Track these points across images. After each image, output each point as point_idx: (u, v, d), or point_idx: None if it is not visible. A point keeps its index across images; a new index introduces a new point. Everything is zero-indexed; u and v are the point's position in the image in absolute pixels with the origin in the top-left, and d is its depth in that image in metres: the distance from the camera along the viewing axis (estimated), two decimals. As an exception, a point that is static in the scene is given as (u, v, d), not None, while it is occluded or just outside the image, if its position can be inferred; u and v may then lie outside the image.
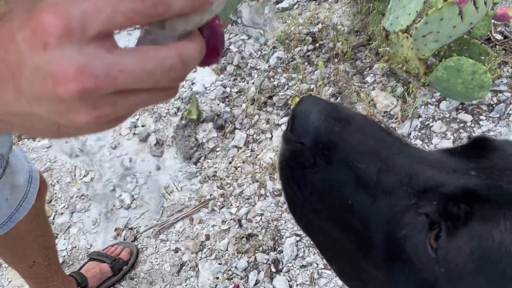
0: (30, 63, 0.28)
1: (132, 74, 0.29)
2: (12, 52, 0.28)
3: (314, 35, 2.04)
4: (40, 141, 2.18)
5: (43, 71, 0.27)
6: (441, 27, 1.31)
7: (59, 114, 0.30)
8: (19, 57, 0.28)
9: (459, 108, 1.62)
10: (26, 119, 0.32)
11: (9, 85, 0.29)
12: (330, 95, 1.84)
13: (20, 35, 0.28)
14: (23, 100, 0.29)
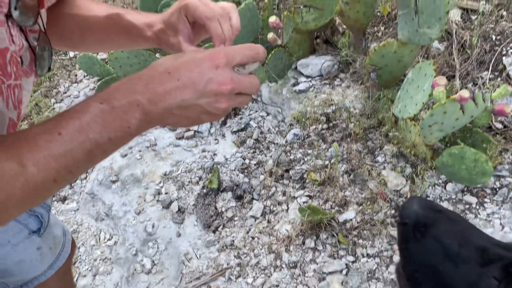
0: (207, 76, 0.58)
1: (246, 84, 0.62)
2: (196, 71, 0.59)
3: (328, 115, 2.22)
4: (68, 204, 2.32)
5: (214, 80, 0.59)
6: (445, 119, 1.47)
7: (210, 104, 0.59)
8: (200, 73, 0.58)
9: (465, 190, 1.74)
10: (186, 110, 0.59)
11: (189, 89, 0.58)
12: (344, 172, 1.97)
13: (204, 63, 0.59)
14: (195, 96, 0.58)
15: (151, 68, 0.61)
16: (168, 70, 0.58)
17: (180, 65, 0.59)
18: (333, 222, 1.82)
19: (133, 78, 0.60)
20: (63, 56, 3.20)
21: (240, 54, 0.62)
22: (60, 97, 2.94)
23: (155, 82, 0.58)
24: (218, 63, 0.59)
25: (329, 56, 2.47)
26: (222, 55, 0.59)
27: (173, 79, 0.58)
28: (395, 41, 1.77)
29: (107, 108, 0.57)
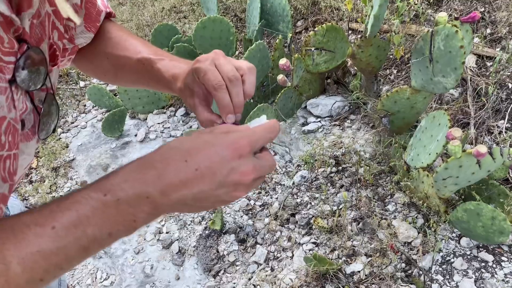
0: (228, 166, 0.52)
1: (266, 169, 0.56)
2: (217, 160, 0.52)
3: (338, 158, 2.16)
4: (67, 239, 2.25)
5: (236, 170, 0.53)
6: (460, 173, 1.40)
7: (228, 193, 0.54)
8: (221, 163, 0.52)
9: (480, 246, 1.64)
10: (201, 201, 0.53)
11: (208, 180, 0.52)
12: (352, 220, 1.89)
13: (227, 152, 0.52)
14: (213, 187, 0.52)
15: (165, 153, 0.53)
16: (185, 158, 0.52)
17: (199, 153, 0.53)
18: (340, 274, 1.73)
19: (144, 166, 0.53)
20: (74, 85, 3.21)
21: (262, 139, 0.57)
22: (68, 127, 2.93)
23: (170, 171, 0.51)
24: (241, 153, 0.53)
25: (340, 97, 2.43)
26: (246, 144, 0.54)
27: (190, 168, 0.51)
28: (408, 88, 1.72)
29: (112, 200, 0.50)
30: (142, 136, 2.66)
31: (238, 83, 0.69)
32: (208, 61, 0.70)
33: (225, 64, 0.69)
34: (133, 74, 0.85)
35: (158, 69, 0.79)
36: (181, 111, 2.75)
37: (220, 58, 0.71)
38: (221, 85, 0.68)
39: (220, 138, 0.54)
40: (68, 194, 0.53)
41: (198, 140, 0.54)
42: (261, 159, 0.56)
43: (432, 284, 1.60)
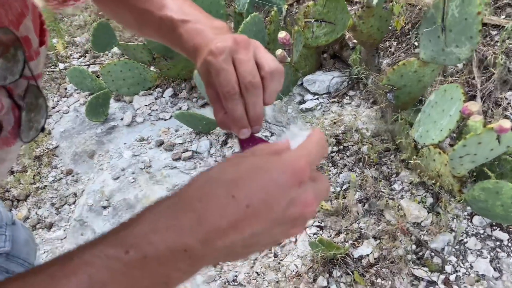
0: (288, 197, 0.39)
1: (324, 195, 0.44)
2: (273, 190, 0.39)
3: (338, 137, 2.06)
4: (54, 231, 2.13)
5: (297, 201, 0.40)
6: (479, 149, 1.31)
7: (284, 231, 0.42)
8: (278, 193, 0.39)
9: (493, 225, 1.58)
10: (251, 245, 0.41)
11: (263, 218, 0.39)
12: (357, 201, 1.80)
13: (284, 178, 0.39)
14: (269, 225, 0.40)
15: (204, 188, 0.40)
16: (232, 192, 0.39)
17: (249, 183, 0.39)
18: (348, 258, 1.65)
19: (178, 207, 0.40)
20: (52, 67, 3.01)
21: (318, 158, 0.44)
22: (49, 112, 2.75)
23: (213, 212, 0.39)
24: (302, 178, 0.40)
25: (337, 72, 2.32)
26: (306, 165, 0.41)
27: (240, 205, 0.39)
28: (415, 60, 1.61)
29: (136, 259, 0.37)
30: (129, 120, 2.51)
31: (257, 92, 0.55)
32: (224, 56, 0.54)
33: (245, 63, 0.54)
34: (158, 35, 0.70)
35: (180, 34, 0.64)
36: (169, 91, 2.60)
37: (240, 52, 0.55)
38: (233, 95, 0.54)
39: (273, 161, 0.41)
40: (72, 250, 0.39)
41: (244, 166, 0.41)
42: (318, 182, 0.43)
43: (445, 266, 1.54)
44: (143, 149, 2.34)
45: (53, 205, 2.24)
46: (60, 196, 2.27)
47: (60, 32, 3.23)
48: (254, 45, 0.57)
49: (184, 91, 2.58)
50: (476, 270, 1.50)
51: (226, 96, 0.54)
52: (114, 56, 2.97)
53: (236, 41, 0.56)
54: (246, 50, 0.55)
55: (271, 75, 0.55)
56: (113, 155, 2.36)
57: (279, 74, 0.56)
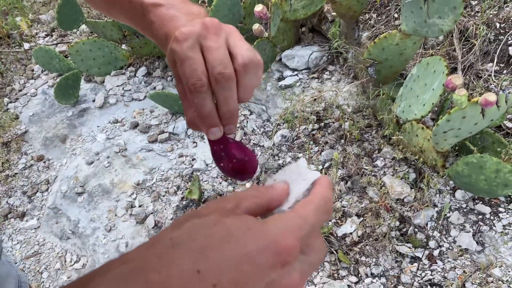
0: (266, 278, 0.32)
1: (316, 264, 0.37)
2: (246, 270, 0.32)
3: (319, 114, 2.01)
4: (28, 221, 2.04)
5: (277, 284, 0.33)
6: (463, 124, 1.28)
7: None
8: (254, 276, 0.32)
9: (476, 199, 1.57)
10: None
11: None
12: (340, 179, 1.77)
13: (264, 258, 0.32)
14: None
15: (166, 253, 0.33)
16: (197, 264, 0.32)
17: (219, 255, 0.32)
18: (331, 237, 1.63)
19: (132, 276, 0.32)
20: (17, 48, 2.85)
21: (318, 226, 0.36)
22: (15, 95, 2.61)
23: (172, 284, 0.31)
24: (287, 259, 0.32)
25: (317, 47, 2.25)
26: (295, 243, 0.33)
27: (205, 283, 0.31)
28: (397, 32, 1.56)
29: None
30: (101, 102, 2.40)
31: (229, 85, 0.46)
32: (189, 42, 0.46)
33: (215, 51, 0.46)
34: (128, 19, 0.62)
35: (151, 21, 0.55)
36: (142, 70, 2.49)
37: (210, 38, 0.46)
38: (199, 87, 0.45)
39: (255, 231, 0.33)
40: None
41: (219, 230, 0.33)
42: (310, 254, 0.36)
43: (429, 241, 1.53)
44: (118, 131, 2.25)
45: (25, 193, 2.14)
46: (32, 183, 2.17)
47: (23, 9, 3.05)
48: (226, 30, 0.48)
49: (158, 69, 2.48)
50: (459, 245, 1.50)
51: (192, 89, 0.46)
52: (83, 35, 2.83)
53: (205, 25, 0.47)
54: (217, 36, 0.47)
55: (245, 68, 0.46)
56: (86, 139, 2.26)
57: (255, 66, 0.47)
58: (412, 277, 1.47)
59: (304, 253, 0.36)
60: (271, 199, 0.39)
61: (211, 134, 0.48)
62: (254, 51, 0.48)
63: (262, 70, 0.49)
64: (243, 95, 0.47)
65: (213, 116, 0.47)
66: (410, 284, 1.46)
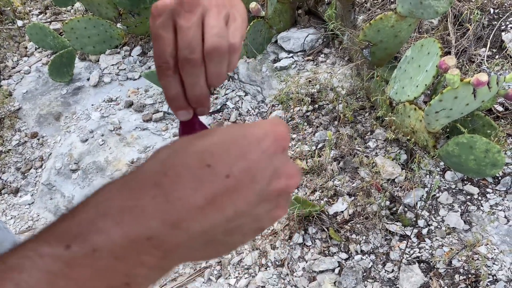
0: (271, 164, 0.33)
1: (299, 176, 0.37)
2: (255, 157, 0.33)
3: (313, 95, 2.03)
4: (21, 197, 2.04)
5: (281, 170, 0.34)
6: (455, 104, 1.31)
7: (269, 211, 0.35)
8: (261, 159, 0.33)
9: (465, 179, 1.61)
10: (233, 230, 0.33)
11: (247, 190, 0.32)
12: (333, 159, 1.80)
13: (267, 142, 0.33)
14: (254, 200, 0.33)
15: (170, 160, 0.32)
16: (206, 160, 0.31)
17: (225, 149, 0.32)
18: (323, 215, 1.66)
19: (136, 185, 0.31)
20: (10, 25, 2.82)
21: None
22: (8, 72, 2.59)
23: (185, 186, 0.30)
24: (284, 144, 0.34)
25: (313, 29, 2.26)
26: (287, 131, 0.35)
27: (218, 175, 0.31)
28: (393, 14, 1.58)
29: (82, 254, 0.28)
30: (96, 80, 2.40)
31: (195, 71, 0.43)
32: (162, 18, 0.42)
33: (184, 31, 0.42)
34: None
35: None
36: (137, 50, 2.49)
37: (182, 15, 0.42)
38: (165, 70, 0.43)
39: (250, 127, 0.34)
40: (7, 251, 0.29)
41: (216, 135, 0.34)
42: None
43: (418, 220, 1.57)
44: (112, 110, 2.25)
45: (18, 170, 2.14)
46: (26, 160, 2.17)
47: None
48: (204, 5, 0.43)
49: (153, 49, 2.47)
50: (447, 224, 1.54)
51: (158, 71, 0.43)
52: (78, 13, 2.80)
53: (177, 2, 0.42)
54: (190, 13, 0.42)
55: (209, 55, 0.42)
56: (81, 117, 2.26)
57: (221, 54, 0.43)
58: (401, 254, 1.51)
59: None
60: None
61: (180, 115, 0.46)
62: (223, 35, 0.43)
63: (235, 56, 0.45)
64: (211, 82, 0.44)
65: (179, 99, 0.45)
66: (399, 261, 1.50)
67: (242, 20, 0.46)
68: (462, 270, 1.43)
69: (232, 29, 0.44)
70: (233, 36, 0.44)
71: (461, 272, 1.43)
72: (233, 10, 0.45)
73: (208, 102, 0.46)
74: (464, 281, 1.41)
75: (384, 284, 1.49)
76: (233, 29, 0.44)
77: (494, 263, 1.42)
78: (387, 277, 1.50)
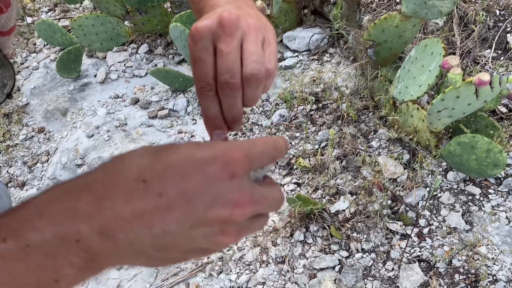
0: (213, 190, 0.32)
1: (270, 201, 0.37)
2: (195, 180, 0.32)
3: (318, 95, 2.04)
4: (27, 190, 2.07)
5: (225, 197, 0.33)
6: (457, 104, 1.31)
7: (210, 237, 0.34)
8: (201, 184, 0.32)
9: (467, 180, 1.61)
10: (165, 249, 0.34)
11: (179, 212, 0.32)
12: (335, 158, 1.81)
13: (212, 167, 0.32)
14: (187, 224, 0.32)
15: (112, 168, 0.34)
16: (144, 175, 0.32)
17: (167, 168, 0.32)
18: (325, 213, 1.67)
19: (74, 188, 0.33)
20: (20, 21, 2.86)
21: (266, 156, 0.37)
22: (17, 68, 2.63)
23: (117, 196, 0.32)
24: (234, 170, 0.33)
25: (318, 29, 2.27)
26: (243, 157, 0.34)
27: (151, 192, 0.32)
28: (397, 14, 1.58)
29: (17, 248, 0.30)
30: (103, 77, 2.42)
31: (234, 94, 0.45)
32: (203, 42, 0.44)
33: (225, 56, 0.44)
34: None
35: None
36: (144, 47, 2.51)
37: (223, 39, 0.44)
38: (207, 91, 0.45)
39: (203, 147, 0.34)
40: None
41: (167, 149, 0.34)
42: (264, 186, 0.37)
43: (419, 220, 1.57)
44: (118, 106, 2.28)
45: (25, 164, 2.17)
46: (32, 154, 2.20)
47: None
48: (244, 29, 0.44)
49: (159, 47, 2.49)
50: (449, 223, 1.54)
51: (200, 92, 0.46)
52: (86, 10, 2.83)
53: (222, 22, 0.44)
54: (230, 37, 0.44)
55: (248, 81, 0.45)
56: (87, 113, 2.29)
57: (258, 80, 0.45)
58: (401, 253, 1.51)
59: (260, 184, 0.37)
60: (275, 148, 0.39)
61: (215, 135, 0.48)
62: (262, 61, 0.46)
63: (270, 80, 0.48)
64: (246, 103, 0.47)
65: (217, 119, 0.47)
66: (399, 260, 1.50)
67: (276, 44, 0.49)
68: (462, 269, 1.43)
69: (268, 53, 0.47)
70: (269, 61, 0.46)
71: (461, 272, 1.43)
72: (267, 34, 0.47)
73: (241, 120, 0.50)
74: (464, 281, 1.41)
75: (384, 283, 1.50)
76: (269, 54, 0.47)
77: (494, 263, 1.42)
78: (387, 276, 1.50)
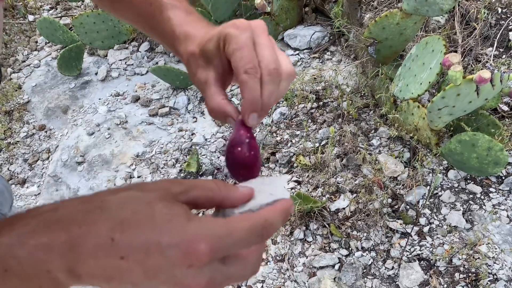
0: (169, 272, 0.34)
1: (237, 278, 0.38)
2: (154, 257, 0.34)
3: (318, 93, 2.03)
4: (28, 188, 2.08)
5: (179, 280, 0.34)
6: (457, 102, 1.30)
7: None
8: (160, 265, 0.34)
9: (468, 179, 1.60)
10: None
11: (133, 277, 0.34)
12: (336, 156, 1.80)
13: (173, 252, 0.34)
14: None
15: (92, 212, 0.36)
16: (114, 232, 0.34)
17: (135, 233, 0.34)
18: (325, 212, 1.67)
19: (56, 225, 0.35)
20: (21, 19, 2.86)
21: (240, 244, 0.36)
22: (18, 66, 2.63)
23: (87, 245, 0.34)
24: (192, 262, 0.34)
25: (319, 27, 2.26)
26: (205, 251, 0.34)
27: (115, 252, 0.34)
28: (398, 12, 1.58)
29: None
30: (103, 75, 2.42)
31: (278, 81, 0.48)
32: (247, 34, 0.49)
33: (268, 48, 0.48)
34: (134, 13, 0.65)
35: (168, 18, 0.58)
36: (145, 45, 2.51)
37: (262, 37, 0.49)
38: (256, 72, 0.47)
39: (176, 225, 0.35)
40: None
41: (146, 210, 0.35)
42: (231, 264, 0.37)
43: (420, 218, 1.56)
44: (119, 104, 2.28)
45: (26, 161, 2.17)
46: (33, 152, 2.20)
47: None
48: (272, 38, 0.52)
49: (160, 45, 2.49)
50: (449, 222, 1.53)
51: (249, 72, 0.47)
52: (87, 8, 2.83)
53: (254, 25, 0.50)
54: (267, 38, 0.49)
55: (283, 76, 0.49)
56: (88, 111, 2.29)
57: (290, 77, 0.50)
58: (401, 251, 1.51)
59: (224, 263, 0.37)
60: (226, 198, 0.40)
61: (252, 118, 0.49)
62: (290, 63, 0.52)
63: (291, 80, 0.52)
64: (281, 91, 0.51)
65: (259, 102, 0.48)
66: (399, 258, 1.50)
67: None
68: (462, 268, 1.43)
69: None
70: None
71: (461, 271, 1.42)
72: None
73: (265, 115, 0.51)
74: (464, 280, 1.40)
75: (383, 281, 1.49)
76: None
77: (495, 262, 1.41)
78: (387, 274, 1.50)
